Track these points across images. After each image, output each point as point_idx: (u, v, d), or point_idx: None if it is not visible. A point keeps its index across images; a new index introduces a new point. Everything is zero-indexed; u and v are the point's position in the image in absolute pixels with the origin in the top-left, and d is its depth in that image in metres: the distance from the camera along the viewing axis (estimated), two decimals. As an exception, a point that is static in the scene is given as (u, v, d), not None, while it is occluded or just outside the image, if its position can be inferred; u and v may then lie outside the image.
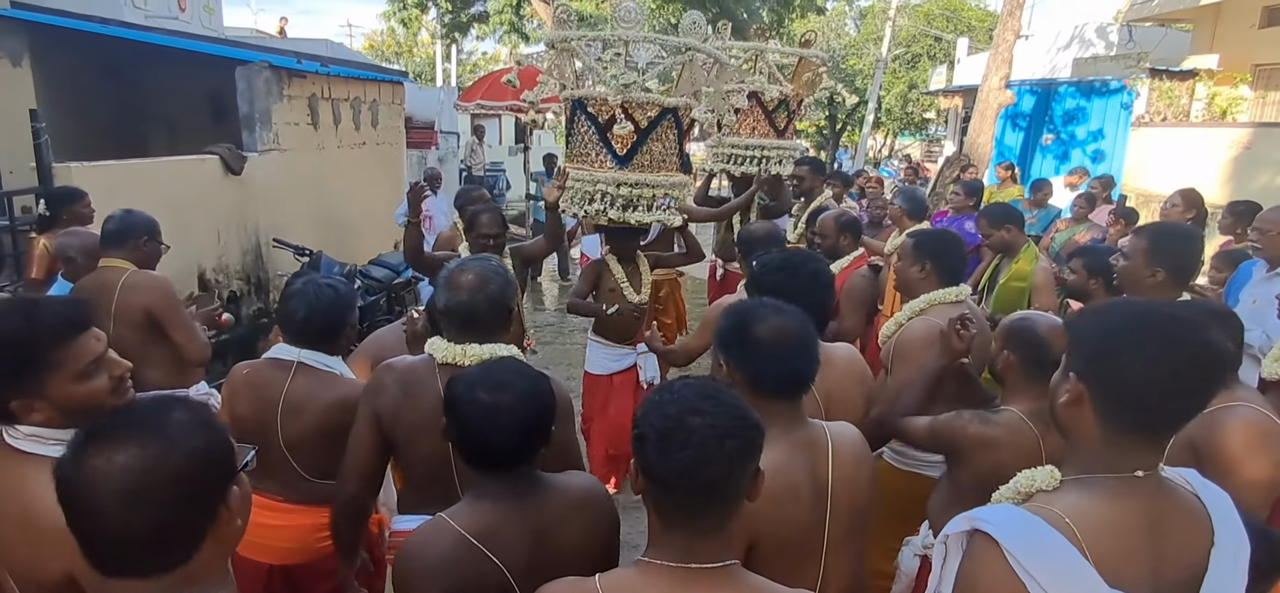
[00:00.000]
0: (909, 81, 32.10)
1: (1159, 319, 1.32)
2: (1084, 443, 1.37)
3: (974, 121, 12.40)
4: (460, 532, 1.58)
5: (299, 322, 2.47)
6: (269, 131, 7.31)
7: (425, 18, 24.12)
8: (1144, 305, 1.42)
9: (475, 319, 2.11)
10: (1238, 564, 1.35)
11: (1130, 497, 1.33)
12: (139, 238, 3.36)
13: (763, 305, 1.87)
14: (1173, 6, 14.46)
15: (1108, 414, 1.33)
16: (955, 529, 1.39)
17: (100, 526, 1.08)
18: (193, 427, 1.15)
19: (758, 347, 1.76)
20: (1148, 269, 2.76)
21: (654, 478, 1.33)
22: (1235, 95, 13.31)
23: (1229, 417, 2.03)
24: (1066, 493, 1.36)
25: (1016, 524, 1.31)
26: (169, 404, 1.19)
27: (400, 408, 2.11)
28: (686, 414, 1.31)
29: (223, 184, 6.72)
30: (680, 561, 1.32)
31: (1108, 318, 1.37)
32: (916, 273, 2.87)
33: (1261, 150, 11.23)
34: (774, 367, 1.74)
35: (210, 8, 11.01)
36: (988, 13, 29.25)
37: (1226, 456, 1.99)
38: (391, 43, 33.97)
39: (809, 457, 1.76)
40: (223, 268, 6.74)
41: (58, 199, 4.30)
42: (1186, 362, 1.28)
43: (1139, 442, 1.33)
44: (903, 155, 33.47)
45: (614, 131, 3.90)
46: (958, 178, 9.21)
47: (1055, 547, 1.26)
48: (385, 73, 10.86)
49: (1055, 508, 1.31)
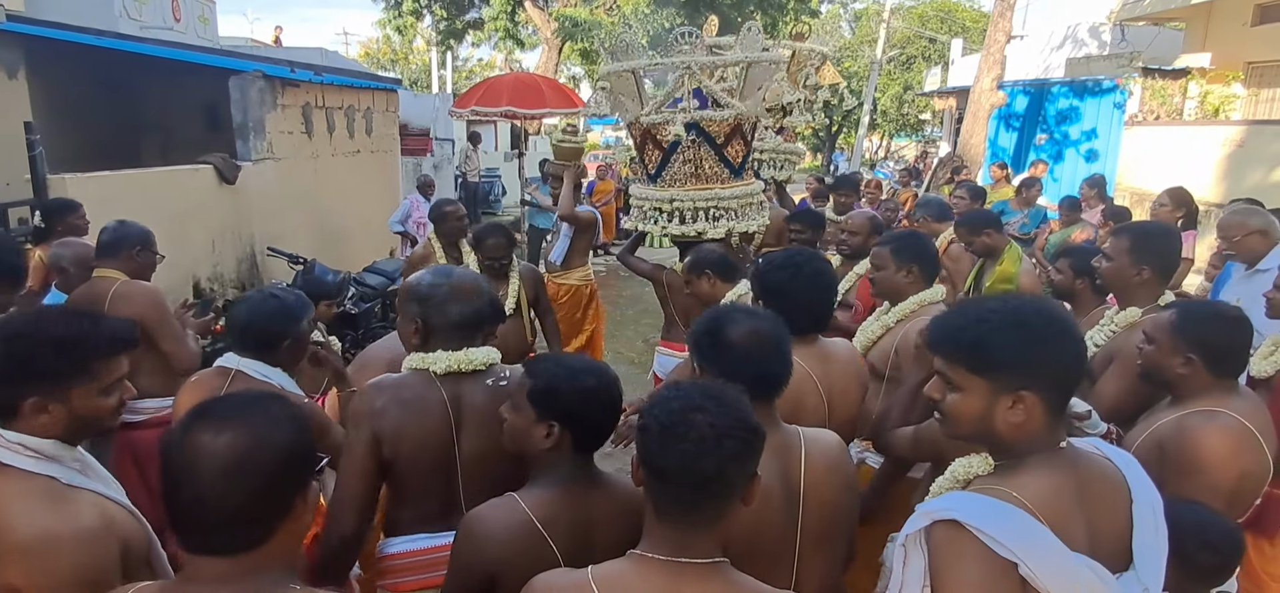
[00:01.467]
0: (904, 83, 32.23)
1: (1056, 316, 1.50)
2: (1030, 438, 1.46)
3: (966, 122, 12.46)
4: (527, 512, 1.67)
5: (238, 329, 2.45)
6: (263, 140, 7.34)
7: (420, 25, 24.21)
8: (1040, 309, 1.53)
9: (469, 324, 2.13)
10: (1156, 518, 1.48)
11: (1059, 470, 1.45)
12: (133, 249, 3.37)
13: (736, 310, 1.91)
14: (1165, 6, 14.54)
15: (1052, 407, 1.45)
16: (913, 527, 1.43)
17: (198, 496, 1.18)
18: (288, 421, 1.26)
19: (730, 349, 1.78)
20: (1134, 269, 2.79)
21: (653, 468, 1.37)
22: (1228, 93, 13.38)
23: (1205, 422, 2.04)
24: (1006, 475, 1.45)
25: (981, 506, 1.37)
26: (269, 398, 1.32)
27: (402, 426, 2.03)
28: (690, 410, 1.35)
29: (217, 193, 6.75)
30: (671, 554, 1.36)
31: (1027, 333, 1.46)
32: (903, 277, 2.86)
33: (1254, 148, 11.29)
34: (746, 367, 1.75)
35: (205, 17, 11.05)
36: (981, 14, 29.35)
37: (1192, 459, 2.00)
38: (387, 50, 34.07)
39: (781, 461, 1.76)
40: (217, 277, 6.76)
41: (53, 210, 4.32)
42: (1083, 345, 1.53)
43: (1054, 420, 1.47)
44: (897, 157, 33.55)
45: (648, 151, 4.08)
46: (950, 179, 9.25)
47: (1021, 520, 1.35)
48: (379, 80, 10.90)
49: (1003, 488, 1.41)
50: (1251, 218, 3.75)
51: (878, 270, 2.95)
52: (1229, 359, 2.15)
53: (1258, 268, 3.64)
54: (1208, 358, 2.11)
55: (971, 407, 1.48)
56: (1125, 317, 2.78)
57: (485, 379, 2.13)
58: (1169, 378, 2.19)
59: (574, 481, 1.74)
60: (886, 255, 2.90)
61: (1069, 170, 13.22)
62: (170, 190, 6.22)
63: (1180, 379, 2.16)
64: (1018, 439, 1.46)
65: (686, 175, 4.04)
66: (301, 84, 7.91)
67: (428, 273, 2.24)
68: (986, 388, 1.46)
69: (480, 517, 1.70)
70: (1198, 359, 2.11)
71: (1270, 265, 3.61)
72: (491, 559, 1.64)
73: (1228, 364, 2.15)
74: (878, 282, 2.96)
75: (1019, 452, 1.46)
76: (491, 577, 1.65)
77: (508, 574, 1.62)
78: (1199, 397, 2.12)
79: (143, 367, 3.15)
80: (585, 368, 1.80)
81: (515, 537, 1.65)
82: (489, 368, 2.15)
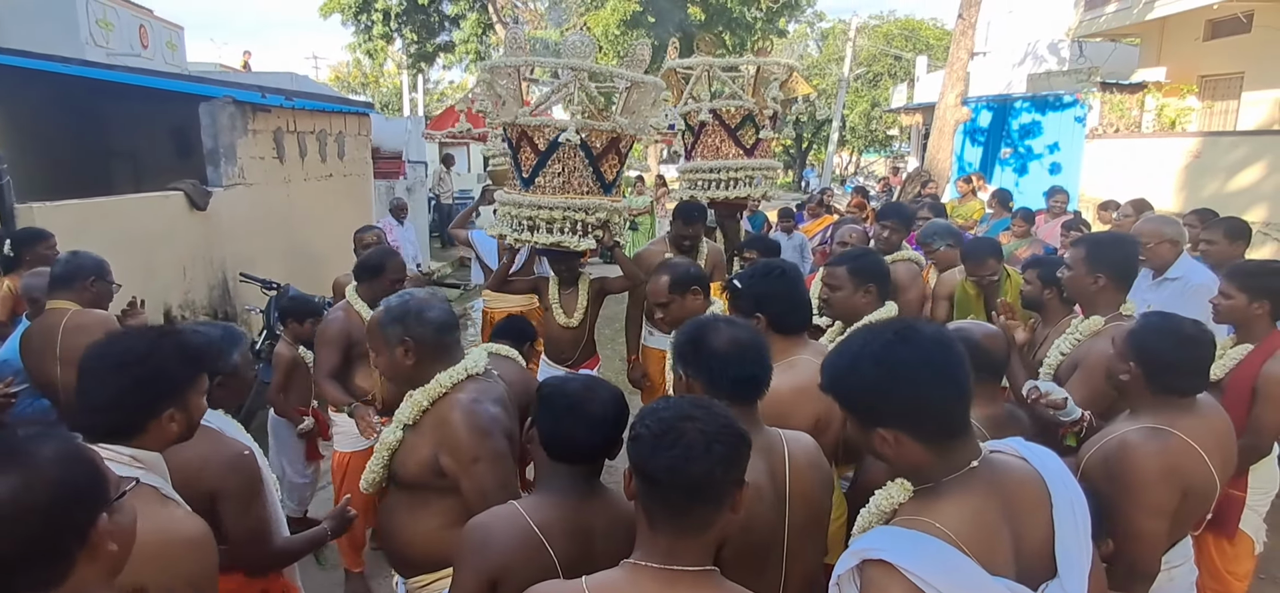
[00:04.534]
0: (871, 100, 32.75)
1: (920, 352, 1.46)
2: (917, 468, 1.50)
3: (933, 138, 12.69)
4: (526, 519, 1.72)
5: None
6: (234, 166, 7.30)
7: (391, 48, 24.18)
8: (885, 350, 1.50)
9: (447, 348, 2.23)
10: (1075, 517, 1.48)
11: (978, 489, 1.46)
12: (87, 279, 3.31)
13: (716, 320, 2.00)
14: (1121, 22, 14.94)
15: (923, 438, 1.46)
16: (845, 567, 1.47)
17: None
18: (58, 459, 1.21)
19: (713, 354, 1.87)
20: (1090, 277, 2.89)
21: (644, 475, 1.41)
22: (1183, 106, 13.76)
23: (1146, 440, 2.05)
24: (926, 502, 1.48)
25: (905, 544, 1.41)
26: (39, 437, 1.24)
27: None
28: (679, 419, 1.40)
29: (188, 220, 6.69)
30: (664, 562, 1.40)
31: (880, 372, 1.47)
32: (862, 297, 2.91)
33: (1210, 159, 11.62)
34: (729, 369, 1.84)
35: (173, 44, 11.00)
36: (945, 32, 29.91)
37: (1130, 477, 2.03)
38: (357, 74, 33.95)
39: (768, 461, 1.84)
40: (189, 304, 6.70)
41: (22, 240, 4.26)
42: (958, 370, 1.47)
43: (954, 444, 1.48)
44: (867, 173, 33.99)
45: (522, 156, 3.95)
46: (918, 195, 9.42)
47: (944, 555, 1.37)
48: (351, 104, 10.87)
49: (925, 518, 1.43)
50: (1166, 227, 3.91)
51: (834, 291, 2.96)
52: (1173, 374, 2.11)
53: (1165, 277, 3.79)
54: (1147, 370, 2.11)
55: (854, 437, 1.58)
56: (1089, 325, 2.87)
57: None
58: (1118, 387, 2.24)
59: (574, 491, 1.78)
60: (844, 275, 2.93)
61: (1033, 183, 13.50)
62: (140, 218, 6.16)
63: (1124, 388, 2.19)
64: (908, 467, 1.51)
65: (557, 185, 3.94)
66: (272, 109, 7.88)
67: (390, 299, 2.25)
68: (855, 422, 1.54)
69: (483, 523, 1.74)
70: (1138, 370, 2.12)
71: (1176, 274, 3.77)
72: (494, 565, 1.68)
73: (1171, 379, 2.12)
74: (834, 302, 2.97)
75: (926, 477, 1.49)
76: (494, 582, 1.69)
77: (509, 580, 1.66)
78: (1147, 411, 2.12)
79: None
80: (587, 383, 1.85)
81: (515, 544, 1.70)
82: (486, 373, 2.24)
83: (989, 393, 2.39)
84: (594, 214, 3.99)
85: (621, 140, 3.99)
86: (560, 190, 3.94)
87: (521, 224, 4.00)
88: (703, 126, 5.26)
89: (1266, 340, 2.88)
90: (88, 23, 8.87)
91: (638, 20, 18.28)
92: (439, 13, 22.14)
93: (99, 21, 9.15)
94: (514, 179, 4.16)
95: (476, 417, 2.08)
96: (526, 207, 3.95)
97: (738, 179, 5.25)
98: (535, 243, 4.02)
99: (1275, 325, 2.93)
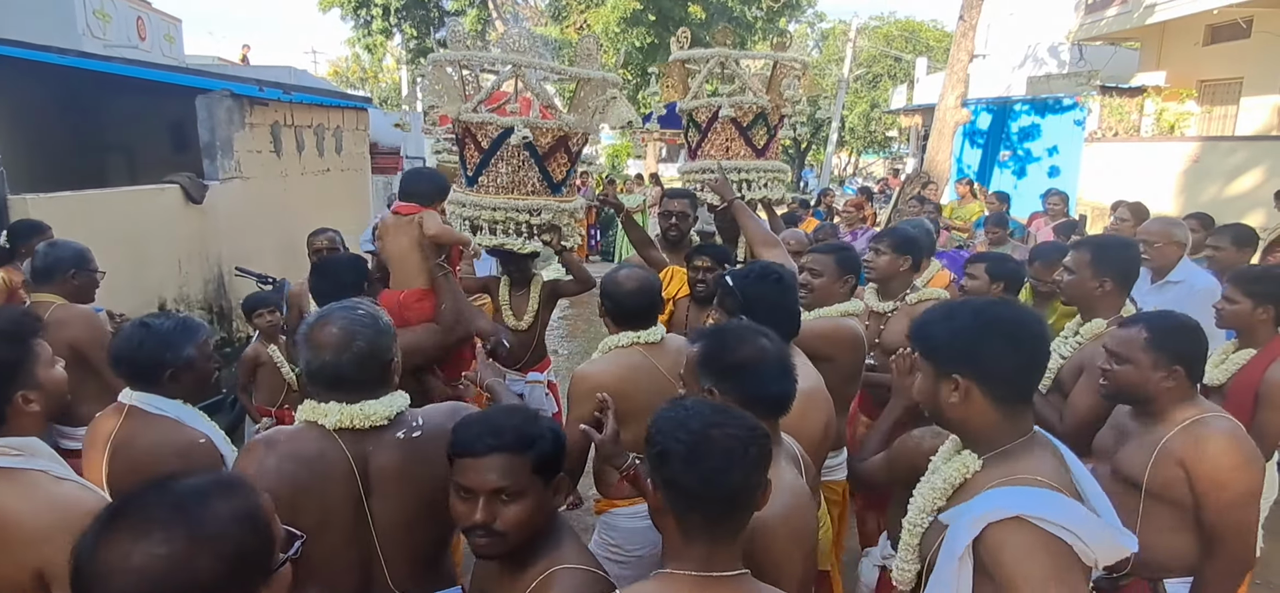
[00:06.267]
0: (871, 101, 32.74)
1: (1014, 319, 1.64)
2: (979, 429, 1.62)
3: (932, 140, 12.66)
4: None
5: (114, 364, 2.30)
6: (231, 160, 7.26)
7: (390, 44, 24.11)
8: (986, 306, 1.69)
9: (343, 381, 1.78)
10: (1095, 488, 1.62)
11: (1046, 448, 1.61)
12: (67, 271, 3.24)
13: (743, 330, 1.93)
14: (1121, 26, 14.93)
15: (994, 396, 1.60)
16: (961, 542, 1.50)
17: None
18: (228, 521, 1.05)
19: (745, 370, 1.81)
20: (1095, 281, 2.87)
21: (678, 489, 1.39)
22: (1182, 111, 13.75)
23: (1223, 429, 2.09)
24: (1011, 464, 1.57)
25: (1030, 498, 1.47)
26: (210, 491, 1.07)
27: (300, 492, 1.68)
28: (708, 428, 1.39)
29: (184, 214, 6.66)
30: (701, 569, 1.39)
31: (968, 320, 1.64)
32: (841, 287, 3.03)
33: (1209, 163, 11.60)
34: (768, 386, 1.80)
35: (170, 36, 10.95)
36: (945, 33, 29.91)
37: (1231, 467, 2.05)
38: (356, 69, 33.85)
39: (798, 469, 1.87)
40: (184, 298, 6.66)
41: (19, 233, 4.22)
42: (1043, 343, 1.66)
43: (1019, 409, 1.62)
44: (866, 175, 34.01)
45: (467, 154, 3.80)
46: (917, 195, 9.40)
47: (1067, 503, 1.48)
48: (349, 99, 10.83)
49: (1026, 474, 1.52)
50: (1174, 229, 3.91)
51: (816, 277, 3.03)
52: (1200, 366, 2.25)
53: (1166, 280, 3.78)
54: (1189, 369, 2.17)
55: (920, 387, 1.72)
56: (1090, 328, 2.85)
57: (396, 432, 1.82)
58: (1150, 394, 2.20)
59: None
60: (832, 264, 3.03)
61: (1031, 186, 13.50)
62: (135, 211, 6.12)
63: (1165, 393, 2.18)
64: (969, 426, 1.64)
65: (502, 184, 3.76)
66: (270, 103, 7.84)
67: (314, 314, 1.94)
68: (932, 367, 1.66)
69: None
70: (1181, 370, 2.16)
71: (1178, 278, 3.76)
72: None
73: (1200, 371, 2.25)
74: (816, 289, 3.03)
75: (990, 441, 1.59)
76: None
77: None
78: (1181, 406, 2.16)
79: (82, 393, 2.92)
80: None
81: None
82: (396, 418, 1.83)
83: None
84: (540, 216, 3.82)
85: (571, 139, 3.79)
86: (505, 190, 3.77)
87: (465, 224, 3.81)
88: (711, 123, 4.79)
89: (1270, 346, 2.86)
90: (85, 15, 8.82)
91: (638, 18, 18.23)
92: (438, 8, 22.06)
93: (96, 13, 9.10)
94: (460, 177, 3.99)
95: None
96: (469, 206, 3.78)
97: (750, 182, 4.76)
98: (478, 243, 3.83)
99: (1278, 331, 2.92)
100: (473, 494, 1.54)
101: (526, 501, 1.55)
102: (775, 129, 4.87)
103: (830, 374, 2.79)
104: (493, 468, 1.53)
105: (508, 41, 3.79)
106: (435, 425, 1.83)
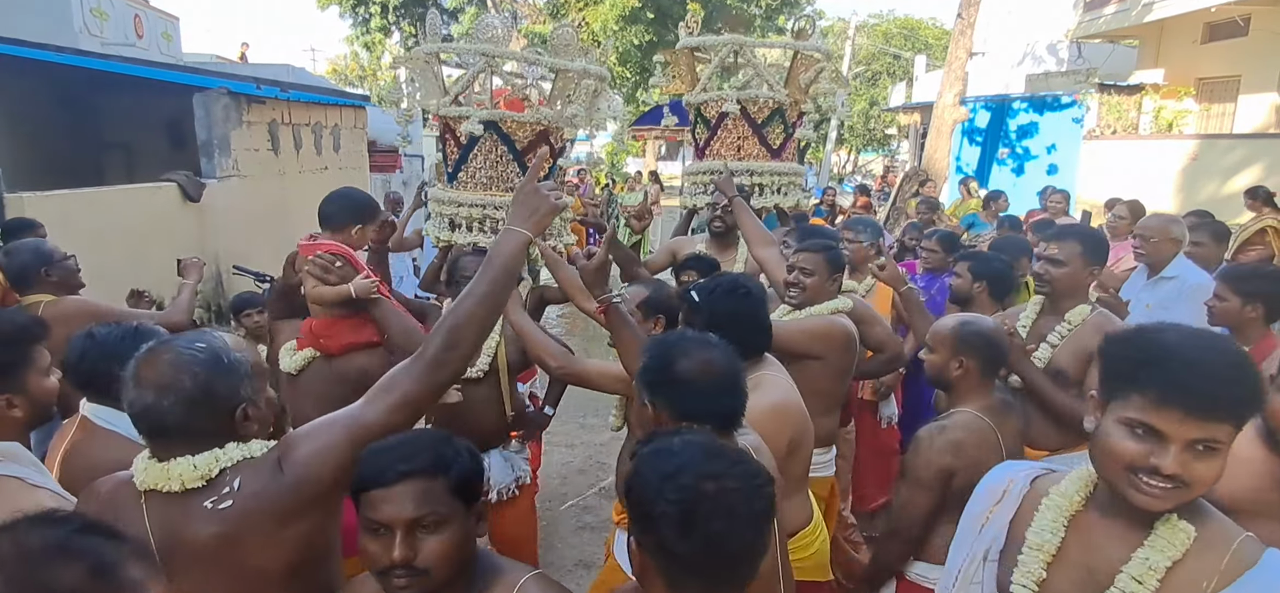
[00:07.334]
0: (870, 99, 32.72)
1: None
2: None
3: (930, 138, 12.67)
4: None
5: (66, 373, 2.07)
6: (228, 158, 7.27)
7: (389, 42, 24.12)
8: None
9: (165, 429, 1.45)
10: None
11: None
12: (37, 271, 3.19)
13: (687, 339, 1.81)
14: (1119, 24, 14.93)
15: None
16: None
17: None
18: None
19: (688, 385, 1.69)
20: (1086, 270, 2.92)
21: (670, 557, 1.19)
22: (1180, 109, 13.75)
23: None
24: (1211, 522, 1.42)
25: None
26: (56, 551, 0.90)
27: None
28: (702, 482, 1.18)
29: (181, 211, 6.67)
30: None
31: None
32: (830, 285, 3.08)
33: (1207, 161, 11.61)
34: (713, 402, 1.69)
35: (168, 34, 10.94)
36: (944, 31, 29.90)
37: None
38: (355, 67, 33.82)
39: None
40: (182, 296, 6.67)
41: (13, 230, 4.25)
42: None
43: None
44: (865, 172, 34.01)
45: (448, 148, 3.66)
46: (917, 193, 9.41)
47: None
48: (347, 97, 10.84)
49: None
50: (1172, 225, 3.92)
51: (808, 276, 3.04)
52: None
53: (1161, 275, 3.80)
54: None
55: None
56: (1077, 313, 2.88)
57: (204, 499, 1.45)
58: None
59: None
60: (821, 262, 3.06)
61: (1029, 183, 13.50)
62: (133, 209, 6.14)
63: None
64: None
65: (480, 181, 3.60)
66: (268, 101, 7.85)
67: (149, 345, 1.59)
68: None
69: None
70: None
71: (1173, 273, 3.77)
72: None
73: None
74: (808, 287, 3.04)
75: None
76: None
77: None
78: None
79: None
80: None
81: None
82: (214, 480, 1.46)
83: (991, 385, 2.38)
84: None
85: (551, 133, 3.61)
86: (483, 187, 3.58)
87: (445, 222, 3.63)
88: (722, 120, 4.35)
89: (1260, 344, 2.87)
90: (82, 12, 8.81)
91: (636, 16, 18.23)
92: (438, 6, 22.08)
93: (93, 10, 9.09)
94: (442, 174, 3.85)
95: None
96: (448, 204, 3.60)
97: (763, 185, 4.35)
98: (455, 241, 3.61)
99: (1269, 329, 2.93)
100: (388, 530, 1.30)
101: (449, 530, 1.32)
102: (793, 127, 4.44)
103: (821, 373, 2.80)
104: (408, 496, 1.30)
105: (480, 30, 3.62)
106: (253, 490, 1.46)
